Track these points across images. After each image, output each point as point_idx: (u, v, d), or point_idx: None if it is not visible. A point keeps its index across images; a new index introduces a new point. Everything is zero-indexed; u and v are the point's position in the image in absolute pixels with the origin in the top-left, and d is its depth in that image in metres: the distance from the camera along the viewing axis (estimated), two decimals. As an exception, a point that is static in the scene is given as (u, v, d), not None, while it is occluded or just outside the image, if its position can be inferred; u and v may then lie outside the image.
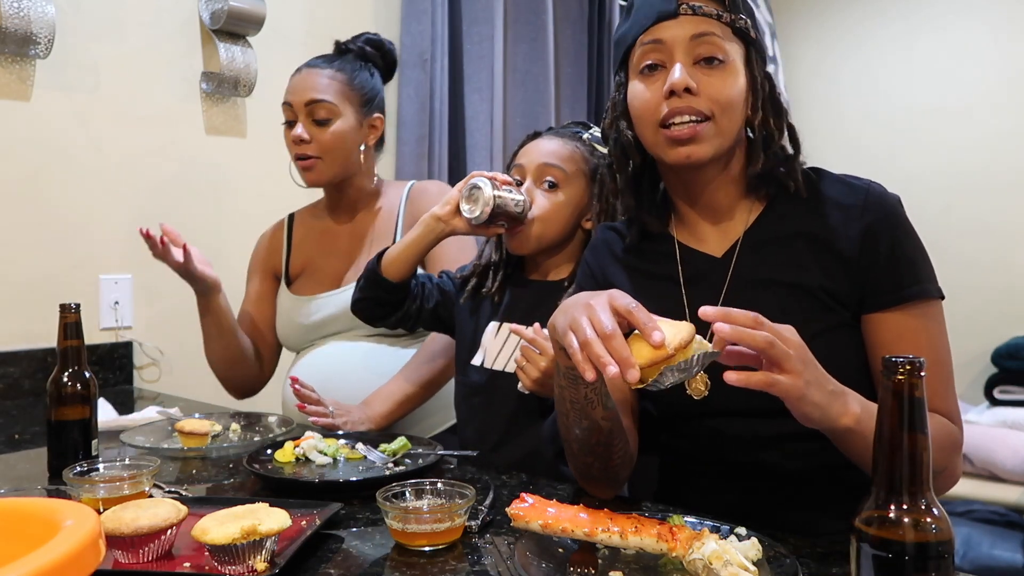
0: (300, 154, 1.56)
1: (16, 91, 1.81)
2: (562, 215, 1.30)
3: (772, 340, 0.75)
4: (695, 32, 0.96)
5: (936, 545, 0.57)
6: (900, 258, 0.96)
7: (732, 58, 0.98)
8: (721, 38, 0.97)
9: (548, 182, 1.29)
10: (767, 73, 1.03)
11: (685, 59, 0.97)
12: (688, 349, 0.79)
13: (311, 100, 1.54)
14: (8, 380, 1.79)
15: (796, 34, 3.81)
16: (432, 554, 0.84)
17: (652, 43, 0.99)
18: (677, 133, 0.97)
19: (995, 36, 3.26)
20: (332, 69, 1.58)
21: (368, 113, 1.62)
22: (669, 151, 0.99)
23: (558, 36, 2.93)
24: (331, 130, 1.55)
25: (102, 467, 1.03)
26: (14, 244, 1.81)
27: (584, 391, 0.91)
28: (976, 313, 3.09)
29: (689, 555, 0.74)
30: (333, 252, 1.67)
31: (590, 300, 0.84)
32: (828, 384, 0.80)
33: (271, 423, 1.44)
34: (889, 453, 0.58)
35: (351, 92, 1.58)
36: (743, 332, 0.75)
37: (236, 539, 0.76)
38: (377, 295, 1.34)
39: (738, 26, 0.99)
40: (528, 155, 1.33)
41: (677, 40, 0.97)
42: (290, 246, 1.73)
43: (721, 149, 0.99)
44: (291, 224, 1.76)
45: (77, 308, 1.15)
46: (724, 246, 1.05)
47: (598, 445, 0.96)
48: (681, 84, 0.95)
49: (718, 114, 0.97)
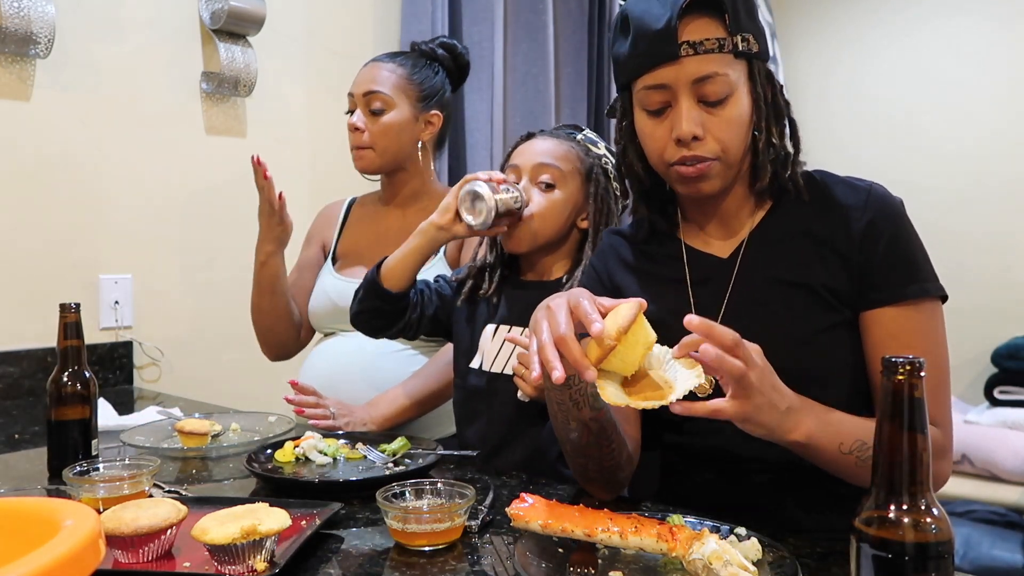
0: (354, 142, 1.62)
1: (16, 91, 1.81)
2: (558, 213, 1.30)
3: (744, 371, 0.76)
4: (698, 75, 0.94)
5: (936, 545, 0.57)
6: (899, 256, 0.96)
7: (736, 86, 0.96)
8: (726, 73, 0.95)
9: (544, 182, 1.29)
10: (768, 78, 1.01)
11: (689, 100, 0.96)
12: (633, 336, 0.80)
13: (368, 91, 1.59)
14: (8, 380, 1.79)
15: (796, 34, 3.81)
16: (432, 554, 0.84)
17: (656, 87, 0.97)
18: (686, 172, 0.98)
19: (995, 36, 3.26)
20: (394, 63, 1.63)
21: (425, 109, 1.64)
22: (680, 186, 1.02)
23: (558, 36, 2.93)
24: (383, 120, 1.59)
25: (102, 467, 1.03)
26: (14, 244, 1.81)
27: (568, 392, 0.92)
28: (976, 313, 3.10)
29: (689, 555, 0.74)
30: (380, 241, 1.68)
31: (551, 302, 0.86)
32: (782, 403, 0.81)
33: (271, 423, 1.44)
34: (889, 453, 0.58)
35: (409, 86, 1.62)
36: (724, 359, 0.76)
37: (236, 539, 0.76)
38: (377, 306, 1.31)
39: (740, 49, 0.96)
40: (523, 155, 1.32)
41: (680, 83, 0.95)
42: (343, 225, 1.77)
43: (729, 179, 1.01)
44: (350, 205, 1.80)
45: (77, 308, 1.15)
46: (730, 247, 1.06)
47: (589, 446, 0.97)
48: (688, 135, 0.95)
49: (724, 153, 0.97)
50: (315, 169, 2.35)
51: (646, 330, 0.83)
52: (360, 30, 2.47)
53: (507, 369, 1.28)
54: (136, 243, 2.01)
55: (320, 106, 2.34)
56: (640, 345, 0.82)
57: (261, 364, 1.96)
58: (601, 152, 1.34)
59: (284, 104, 2.29)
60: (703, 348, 0.77)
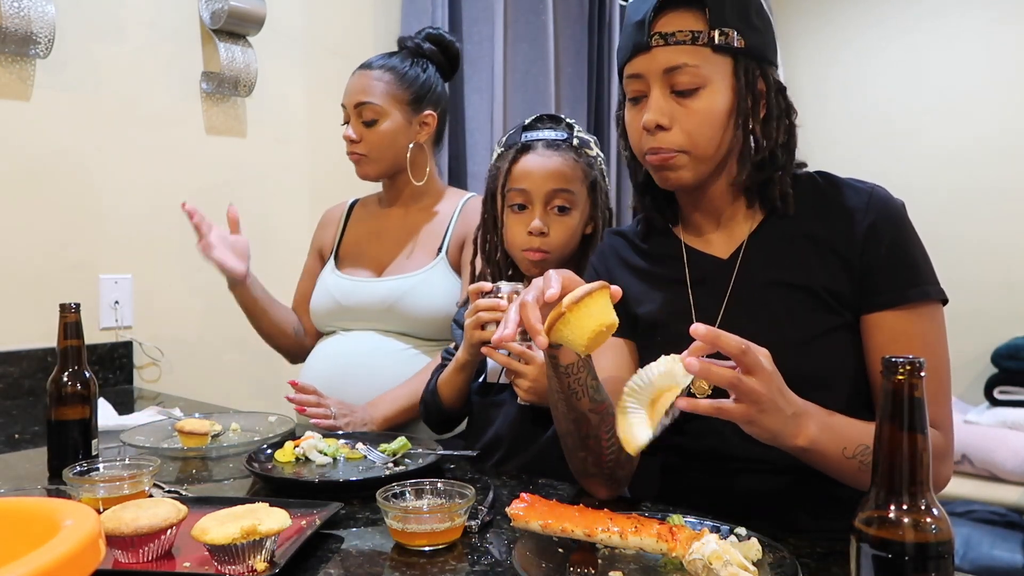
0: (349, 152, 1.63)
1: (16, 91, 1.81)
2: (575, 235, 1.31)
3: (735, 379, 0.76)
4: (667, 65, 0.97)
5: (936, 545, 0.57)
6: (901, 259, 0.96)
7: (711, 80, 0.97)
8: (697, 65, 0.96)
9: (558, 206, 1.28)
10: (763, 77, 1.00)
11: (661, 91, 0.98)
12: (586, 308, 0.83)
13: (359, 103, 1.60)
14: (8, 380, 1.79)
15: (794, 34, 3.81)
16: (432, 554, 0.84)
17: (632, 76, 1.01)
18: (652, 160, 1.01)
19: (995, 36, 3.25)
20: (381, 70, 1.62)
21: (418, 111, 1.64)
22: (655, 175, 1.03)
23: (558, 36, 2.93)
24: (378, 130, 1.61)
25: (102, 467, 1.03)
26: (14, 244, 1.81)
27: (567, 381, 0.93)
28: (976, 313, 3.09)
29: (689, 555, 0.74)
30: (380, 241, 1.69)
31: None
32: (788, 409, 0.80)
33: (271, 423, 1.44)
34: (889, 453, 0.58)
35: (399, 92, 1.62)
36: (710, 369, 0.76)
37: (236, 539, 0.76)
38: (443, 420, 1.37)
39: (718, 43, 0.96)
40: (530, 178, 1.28)
41: (651, 73, 0.98)
42: (345, 226, 1.78)
43: (702, 173, 1.01)
44: (352, 206, 1.81)
45: (77, 308, 1.15)
46: (730, 248, 1.06)
47: (588, 438, 0.97)
48: (651, 123, 0.98)
49: (691, 146, 0.98)
50: (315, 169, 2.35)
51: (603, 309, 0.85)
52: (360, 30, 2.47)
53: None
54: (136, 243, 2.01)
55: (320, 106, 2.34)
56: (593, 319, 0.84)
57: (261, 364, 1.96)
58: (595, 153, 1.34)
59: (284, 104, 2.29)
60: (687, 361, 0.77)
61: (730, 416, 0.78)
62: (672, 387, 0.81)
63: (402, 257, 1.65)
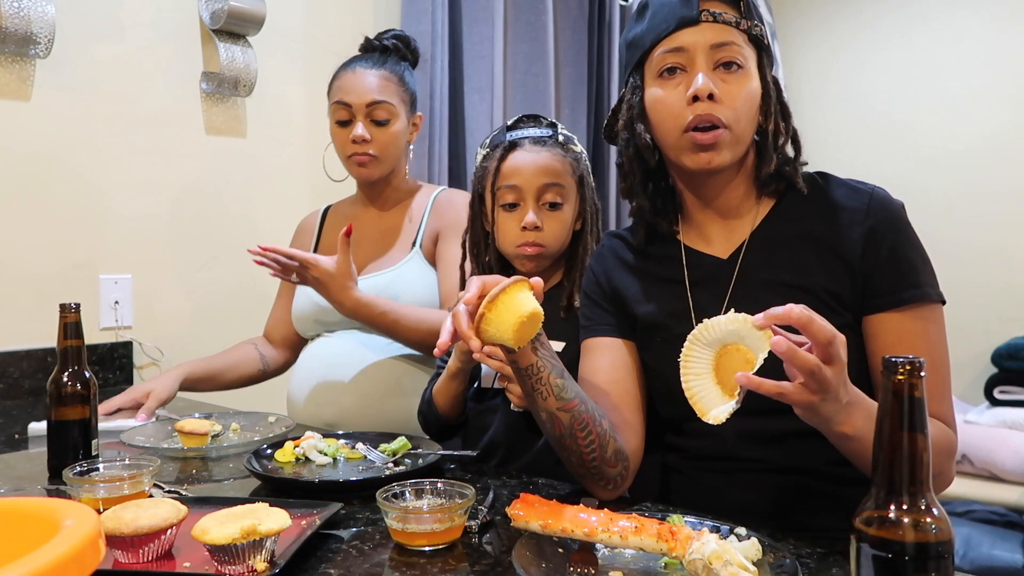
0: (357, 152, 1.57)
1: (16, 91, 1.81)
2: (567, 230, 1.31)
3: (817, 367, 0.74)
4: (716, 41, 0.98)
5: (936, 545, 0.57)
6: (901, 261, 0.96)
7: (748, 64, 1.00)
8: (739, 45, 0.99)
9: (550, 201, 1.27)
10: (775, 77, 1.05)
11: (705, 65, 0.98)
12: (504, 305, 0.86)
13: (373, 101, 1.56)
14: (8, 380, 1.79)
15: (792, 34, 3.81)
16: (432, 554, 0.84)
17: (673, 50, 1.00)
18: (701, 139, 0.98)
19: (994, 36, 3.25)
20: (385, 70, 1.60)
21: (413, 111, 1.65)
22: (691, 156, 1.00)
23: (558, 36, 2.93)
24: (389, 130, 1.58)
25: (102, 467, 1.03)
26: (14, 244, 1.81)
27: (530, 383, 0.95)
28: (976, 313, 3.09)
29: (689, 555, 0.74)
30: (357, 242, 1.66)
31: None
32: (844, 397, 0.79)
33: (271, 423, 1.44)
34: (889, 453, 0.58)
35: (404, 92, 1.61)
36: (796, 353, 0.74)
37: (236, 539, 0.76)
38: (442, 429, 1.37)
39: (753, 33, 1.00)
40: (521, 175, 1.27)
41: (699, 46, 0.98)
42: (320, 232, 1.76)
43: (738, 155, 1.01)
44: (325, 213, 1.80)
45: (77, 308, 1.15)
46: (730, 248, 1.06)
47: (564, 437, 0.97)
48: (705, 90, 0.96)
49: (735, 122, 0.98)
50: (315, 169, 2.34)
51: (522, 301, 0.87)
52: (360, 30, 2.45)
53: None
54: (136, 243, 2.01)
55: (320, 106, 2.32)
56: (512, 313, 0.86)
57: (261, 364, 1.94)
58: (579, 149, 1.34)
59: (284, 104, 2.29)
60: (775, 340, 0.75)
61: (790, 400, 0.77)
62: (736, 346, 0.81)
63: (379, 255, 1.64)
